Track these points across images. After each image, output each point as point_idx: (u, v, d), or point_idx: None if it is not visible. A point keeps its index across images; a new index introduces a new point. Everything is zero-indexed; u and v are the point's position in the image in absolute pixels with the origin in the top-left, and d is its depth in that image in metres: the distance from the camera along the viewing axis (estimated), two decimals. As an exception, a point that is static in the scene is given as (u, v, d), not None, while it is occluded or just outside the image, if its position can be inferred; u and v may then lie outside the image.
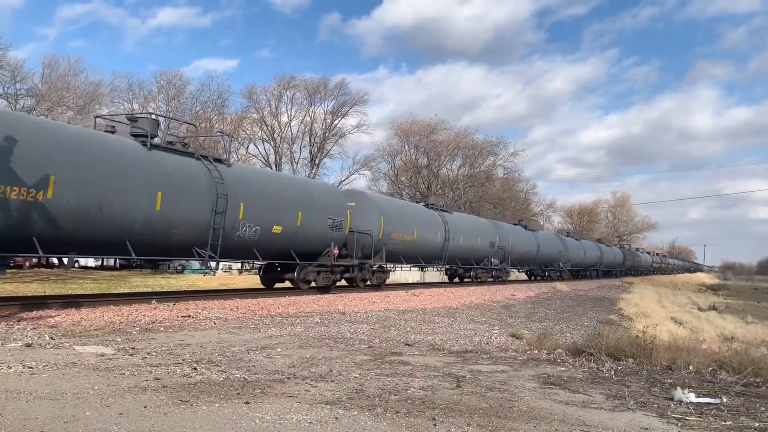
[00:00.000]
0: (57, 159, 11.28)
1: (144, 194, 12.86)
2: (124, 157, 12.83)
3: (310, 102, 53.20)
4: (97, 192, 11.88)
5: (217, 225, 14.45)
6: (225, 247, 14.76)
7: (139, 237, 12.92)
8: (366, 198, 22.70)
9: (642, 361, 8.04)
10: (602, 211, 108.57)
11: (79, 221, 11.62)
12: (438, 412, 5.14)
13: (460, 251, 28.09)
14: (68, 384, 5.53)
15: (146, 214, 12.88)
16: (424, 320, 13.12)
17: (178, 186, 13.76)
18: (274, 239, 16.56)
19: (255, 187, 16.33)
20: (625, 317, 19.88)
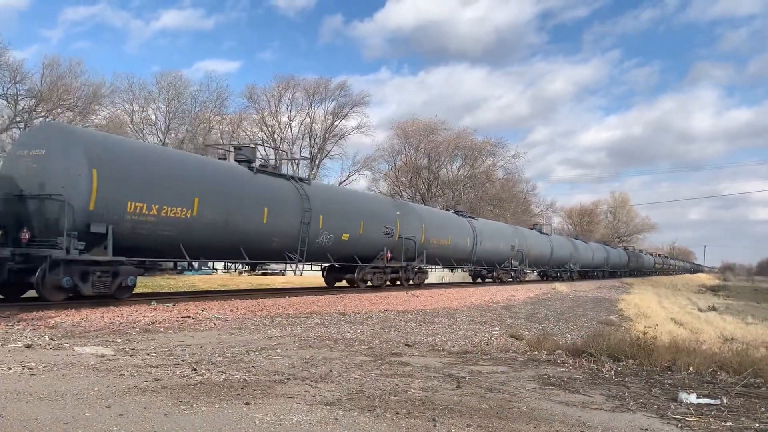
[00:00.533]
0: (200, 185, 14.45)
1: (255, 210, 16.01)
2: (239, 180, 15.93)
3: (311, 103, 53.25)
4: (224, 209, 14.95)
5: (304, 234, 17.57)
6: (308, 252, 17.90)
7: (250, 244, 16.03)
8: (410, 208, 25.55)
9: (642, 362, 8.03)
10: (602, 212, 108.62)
11: (212, 232, 14.70)
12: (438, 413, 5.14)
13: (485, 254, 31.03)
14: (68, 385, 5.53)
15: (256, 226, 16.04)
16: (423, 321, 13.12)
17: (277, 202, 16.86)
18: (343, 245, 19.71)
19: (330, 202, 19.47)
20: (625, 318, 19.86)
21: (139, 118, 45.51)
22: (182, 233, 13.82)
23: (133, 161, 13.15)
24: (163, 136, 45.02)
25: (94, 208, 11.96)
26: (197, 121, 46.67)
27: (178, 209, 13.63)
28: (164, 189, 13.40)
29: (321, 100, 53.60)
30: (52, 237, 11.75)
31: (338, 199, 20.70)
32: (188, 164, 15.00)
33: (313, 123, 53.07)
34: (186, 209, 13.81)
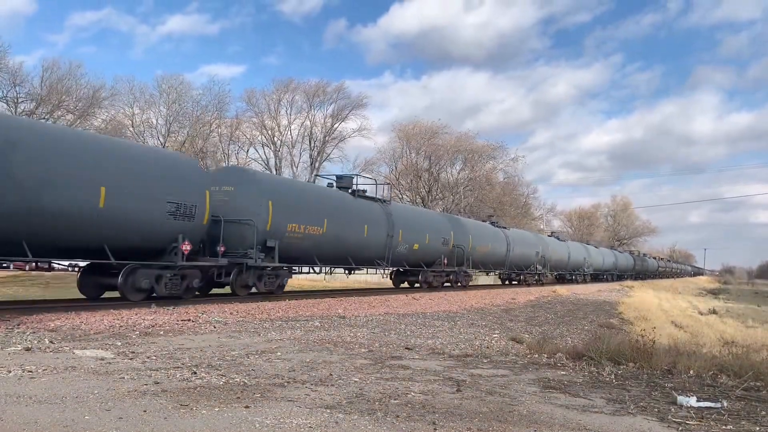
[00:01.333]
0: (327, 209, 19.43)
1: (358, 227, 20.91)
2: (347, 204, 21.15)
3: (310, 105, 53.30)
4: (340, 227, 19.68)
5: (389, 245, 22.55)
6: (391, 259, 22.95)
7: (355, 253, 21.04)
8: (460, 222, 30.36)
9: (642, 365, 8.03)
10: (602, 215, 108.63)
11: (334, 245, 19.55)
12: (438, 417, 5.14)
13: (516, 260, 35.76)
14: (68, 388, 5.53)
15: (359, 239, 20.91)
16: (424, 324, 13.11)
17: (372, 220, 21.75)
18: (414, 253, 24.48)
19: (405, 219, 24.24)
20: (625, 321, 19.85)
21: (140, 120, 45.57)
22: (315, 246, 18.78)
23: (289, 193, 18.53)
24: (164, 139, 45.06)
25: (270, 229, 16.69)
26: (197, 124, 46.70)
27: (314, 227, 18.55)
28: (307, 213, 18.40)
29: (320, 103, 53.71)
30: (241, 250, 16.06)
31: (410, 216, 25.81)
32: (320, 193, 20.98)
33: (313, 126, 53.14)
34: (319, 227, 18.73)
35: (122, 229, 12.82)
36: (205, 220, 14.67)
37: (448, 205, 54.59)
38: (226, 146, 50.33)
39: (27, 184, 10.90)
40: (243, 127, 50.87)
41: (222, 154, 48.59)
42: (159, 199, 13.52)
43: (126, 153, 13.85)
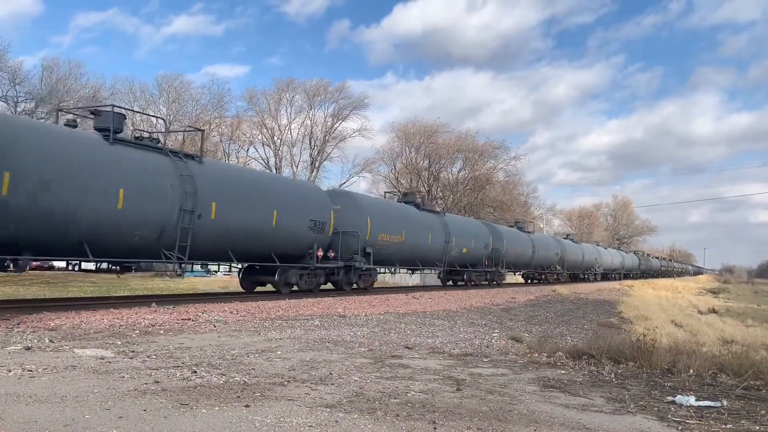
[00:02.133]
0: (405, 221, 24.53)
1: (424, 235, 25.82)
2: (414, 217, 25.93)
3: (310, 105, 53.24)
4: (412, 235, 24.53)
5: (445, 249, 27.44)
6: (446, 261, 27.95)
7: (422, 257, 25.93)
8: (497, 228, 35.02)
9: (642, 365, 8.03)
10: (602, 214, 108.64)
11: (409, 250, 24.61)
12: (438, 416, 5.14)
13: (539, 261, 40.24)
14: (68, 387, 5.53)
15: (426, 245, 26.01)
16: (424, 323, 13.11)
17: (434, 229, 26.74)
18: (462, 256, 29.36)
19: (456, 227, 29.23)
20: (625, 320, 19.86)
21: (139, 119, 45.50)
22: (396, 252, 23.67)
23: (380, 210, 23.60)
24: (163, 138, 45.06)
25: (368, 239, 21.44)
26: (197, 123, 46.65)
27: (396, 236, 23.40)
28: (392, 225, 23.34)
29: (321, 102, 53.64)
30: (347, 255, 20.62)
31: (460, 225, 30.59)
32: (399, 209, 25.81)
33: (313, 125, 53.09)
34: (399, 237, 23.68)
35: (284, 240, 17.84)
36: (330, 233, 19.78)
37: (447, 205, 54.58)
38: (227, 145, 50.31)
39: (240, 213, 16.07)
40: (243, 127, 50.82)
41: (222, 154, 48.55)
42: (304, 218, 18.58)
43: (284, 185, 21.06)
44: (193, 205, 14.25)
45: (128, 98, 44.67)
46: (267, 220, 16.98)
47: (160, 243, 13.84)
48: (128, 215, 12.94)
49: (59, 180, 11.69)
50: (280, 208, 17.36)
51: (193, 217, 14.25)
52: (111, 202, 12.59)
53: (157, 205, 13.65)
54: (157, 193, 13.70)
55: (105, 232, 12.67)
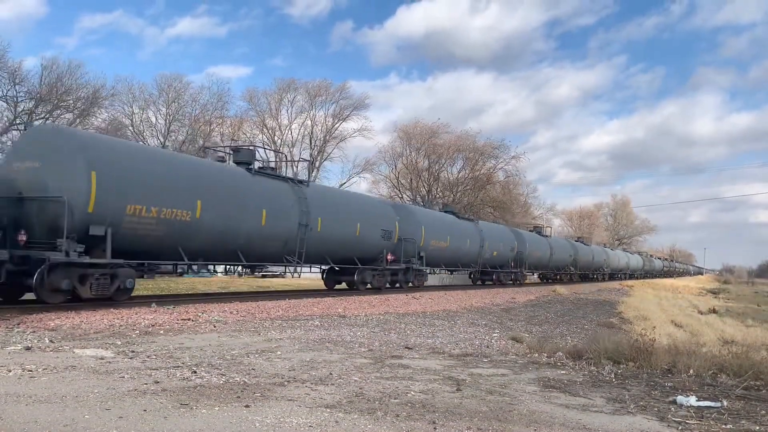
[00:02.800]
0: (448, 229, 28.79)
1: (464, 241, 30.07)
2: (452, 223, 30.30)
3: (311, 105, 53.23)
4: (454, 240, 28.95)
5: (481, 252, 31.49)
6: (481, 263, 32.14)
7: (461, 259, 30.13)
8: (522, 235, 38.58)
9: (642, 365, 8.03)
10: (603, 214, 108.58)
11: (451, 254, 28.87)
12: (438, 416, 5.14)
13: (555, 262, 44.16)
14: (68, 387, 5.53)
15: (468, 249, 30.46)
16: (424, 323, 13.11)
17: (468, 234, 30.81)
18: (493, 258, 33.60)
19: (490, 233, 33.36)
20: (625, 320, 19.85)
21: (139, 120, 45.52)
22: (442, 255, 28.02)
23: (429, 219, 27.68)
24: (164, 138, 45.01)
25: (423, 245, 25.92)
26: (197, 123, 46.65)
27: (442, 242, 27.62)
28: (440, 232, 27.75)
29: (322, 102, 53.63)
30: (406, 258, 24.41)
31: (493, 230, 34.94)
32: (443, 218, 30.54)
33: (314, 125, 53.07)
34: (445, 242, 27.87)
35: (363, 246, 21.58)
36: (395, 240, 23.33)
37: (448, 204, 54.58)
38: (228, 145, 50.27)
39: (335, 226, 19.95)
40: (244, 127, 50.79)
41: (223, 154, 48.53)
42: (377, 228, 22.26)
43: (363, 201, 24.32)
44: (307, 221, 18.36)
45: (128, 98, 44.64)
46: (353, 231, 21.16)
47: (284, 250, 18.03)
48: (268, 230, 16.98)
49: (228, 205, 15.53)
50: (362, 221, 21.51)
51: (307, 229, 18.35)
52: (258, 221, 16.58)
53: (285, 222, 17.67)
54: (285, 212, 17.75)
55: (253, 244, 16.64)
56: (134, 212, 12.89)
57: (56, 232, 11.74)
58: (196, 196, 14.46)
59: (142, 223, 13.12)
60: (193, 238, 14.55)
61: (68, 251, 11.64)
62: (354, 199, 24.30)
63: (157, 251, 13.93)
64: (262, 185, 17.25)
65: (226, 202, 15.50)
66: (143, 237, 13.29)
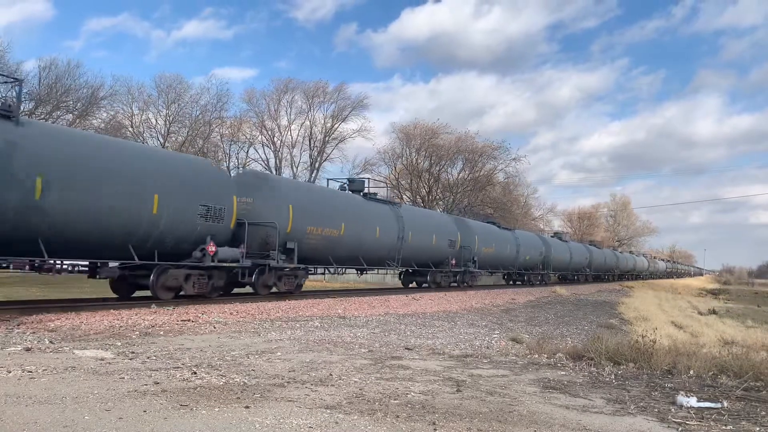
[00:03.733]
0: (493, 237, 33.75)
1: (504, 246, 34.61)
2: (497, 232, 35.04)
3: (310, 106, 53.22)
4: (499, 247, 33.76)
5: (516, 257, 35.34)
6: (516, 266, 36.52)
7: (503, 263, 34.92)
8: (548, 241, 42.90)
9: (642, 366, 8.02)
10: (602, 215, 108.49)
11: (495, 260, 33.79)
12: (438, 417, 5.13)
13: (574, 264, 48.94)
14: (68, 388, 5.52)
15: (506, 254, 34.66)
16: (423, 324, 13.11)
17: (509, 241, 35.34)
18: (525, 262, 37.89)
19: (524, 240, 37.96)
20: (625, 321, 19.84)
21: (139, 121, 45.50)
22: (491, 260, 32.72)
23: (480, 230, 32.06)
24: (164, 139, 45.01)
25: (476, 250, 30.43)
26: (197, 124, 46.64)
27: (489, 248, 32.11)
28: (489, 241, 32.47)
29: (320, 103, 53.62)
30: (461, 262, 28.88)
31: (527, 238, 39.10)
32: (489, 228, 34.63)
33: (313, 126, 53.07)
34: (491, 249, 32.60)
35: (436, 252, 26.65)
36: (458, 247, 28.21)
37: (448, 206, 54.57)
38: (227, 146, 50.28)
39: (419, 236, 25.18)
40: (243, 128, 50.77)
41: (222, 154, 48.55)
42: (445, 238, 27.26)
43: (435, 216, 30.44)
44: (403, 234, 23.45)
45: (127, 99, 44.61)
46: (431, 239, 26.11)
47: (388, 256, 23.05)
48: (381, 241, 22.33)
49: (359, 223, 21.06)
50: (436, 232, 26.72)
51: (402, 241, 23.44)
52: (374, 235, 21.93)
53: (391, 235, 22.93)
54: (390, 228, 22.94)
55: (370, 251, 21.90)
56: (311, 231, 18.41)
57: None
58: (342, 219, 20.04)
59: (315, 238, 18.59)
60: (339, 249, 20.05)
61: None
62: (430, 215, 31.03)
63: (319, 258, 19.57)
64: (373, 207, 22.75)
65: (357, 222, 21.02)
66: (314, 248, 18.66)
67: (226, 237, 15.36)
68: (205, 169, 15.81)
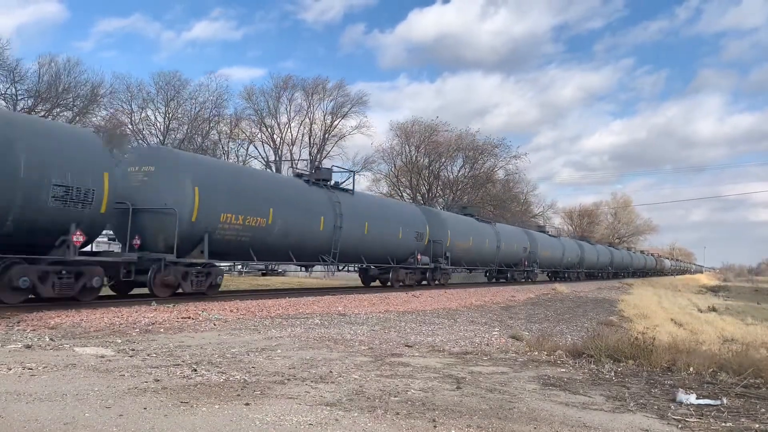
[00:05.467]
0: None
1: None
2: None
3: (309, 103, 53.18)
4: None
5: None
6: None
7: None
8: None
9: (642, 363, 8.03)
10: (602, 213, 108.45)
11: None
12: (438, 414, 5.14)
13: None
14: (68, 385, 5.53)
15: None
16: (424, 321, 13.12)
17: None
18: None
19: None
20: (625, 319, 19.84)
21: (138, 118, 45.46)
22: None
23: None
24: (163, 137, 44.97)
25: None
26: (196, 121, 46.61)
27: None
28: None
29: (320, 100, 53.58)
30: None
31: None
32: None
33: (313, 123, 53.05)
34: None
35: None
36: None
37: (448, 203, 54.58)
38: (226, 143, 50.27)
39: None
40: (242, 125, 50.75)
41: (222, 152, 48.51)
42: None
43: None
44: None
45: (126, 96, 44.56)
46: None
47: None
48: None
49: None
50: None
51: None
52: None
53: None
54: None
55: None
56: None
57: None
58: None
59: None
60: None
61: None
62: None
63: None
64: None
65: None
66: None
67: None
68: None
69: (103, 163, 12.52)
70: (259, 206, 16.62)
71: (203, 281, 15.25)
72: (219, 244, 15.48)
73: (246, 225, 16.12)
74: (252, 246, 16.68)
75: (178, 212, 14.07)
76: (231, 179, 16.43)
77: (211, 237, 14.98)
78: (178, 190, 14.39)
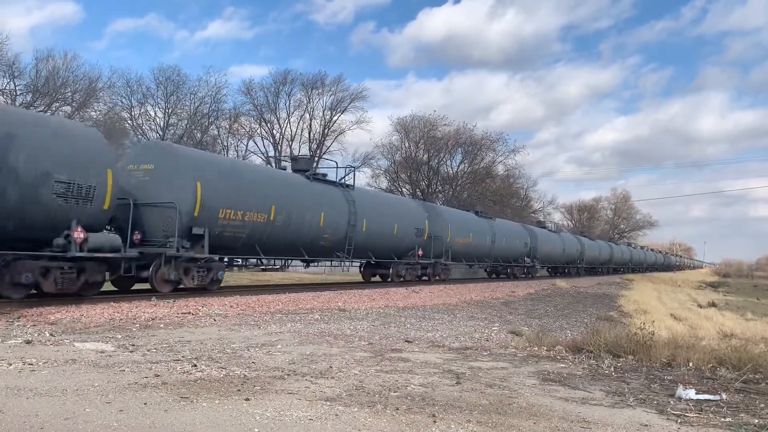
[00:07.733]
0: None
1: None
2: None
3: (308, 98, 53.08)
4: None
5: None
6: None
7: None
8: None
9: (641, 358, 8.04)
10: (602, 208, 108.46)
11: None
12: (438, 409, 5.15)
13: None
14: (68, 381, 5.54)
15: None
16: (423, 317, 13.13)
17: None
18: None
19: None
20: (624, 314, 19.86)
21: (138, 113, 45.38)
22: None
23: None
24: (163, 132, 44.91)
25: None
26: (195, 117, 46.54)
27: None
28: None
29: (319, 95, 53.47)
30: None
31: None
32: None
33: (312, 119, 52.98)
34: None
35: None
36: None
37: (447, 198, 54.56)
38: (225, 139, 50.22)
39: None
40: (242, 120, 50.68)
41: (221, 147, 48.46)
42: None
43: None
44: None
45: (125, 91, 44.44)
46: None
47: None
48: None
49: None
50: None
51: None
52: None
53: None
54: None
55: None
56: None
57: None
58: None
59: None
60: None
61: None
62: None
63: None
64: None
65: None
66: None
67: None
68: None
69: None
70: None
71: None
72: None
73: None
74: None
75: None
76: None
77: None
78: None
